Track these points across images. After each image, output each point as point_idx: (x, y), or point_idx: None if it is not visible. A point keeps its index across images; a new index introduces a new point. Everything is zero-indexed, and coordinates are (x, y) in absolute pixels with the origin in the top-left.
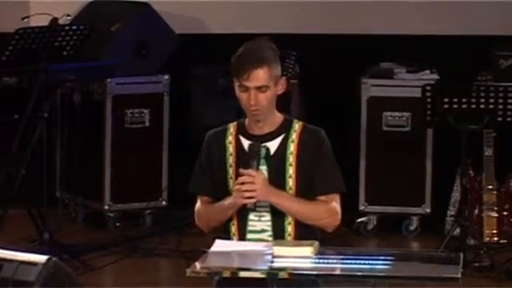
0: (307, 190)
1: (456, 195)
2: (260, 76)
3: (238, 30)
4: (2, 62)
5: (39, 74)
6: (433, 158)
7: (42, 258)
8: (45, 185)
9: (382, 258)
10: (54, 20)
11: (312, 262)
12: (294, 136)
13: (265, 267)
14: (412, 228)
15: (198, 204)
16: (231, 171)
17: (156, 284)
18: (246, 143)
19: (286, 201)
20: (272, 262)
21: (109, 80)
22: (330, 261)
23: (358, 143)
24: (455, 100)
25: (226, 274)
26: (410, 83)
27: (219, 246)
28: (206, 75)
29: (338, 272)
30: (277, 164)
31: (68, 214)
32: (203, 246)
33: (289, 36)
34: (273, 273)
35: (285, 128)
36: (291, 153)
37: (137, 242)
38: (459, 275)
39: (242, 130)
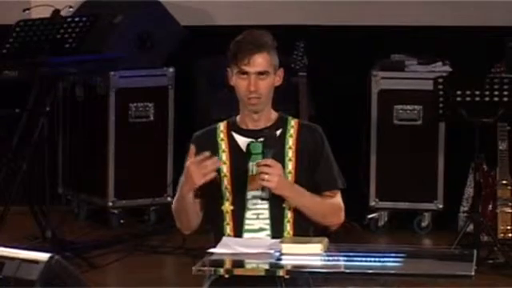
0: (306, 187)
1: (469, 190)
2: (260, 61)
3: (245, 22)
4: (2, 54)
5: (41, 67)
6: (445, 153)
7: (44, 256)
8: (47, 181)
9: (393, 255)
10: (56, 12)
11: (321, 260)
12: (292, 131)
13: (270, 265)
14: (424, 224)
15: None
16: (225, 169)
17: (161, 282)
18: (239, 139)
19: (300, 195)
20: (280, 259)
21: (112, 73)
22: (339, 258)
23: (368, 137)
24: (468, 93)
25: (234, 273)
26: (421, 75)
27: (225, 243)
28: (211, 68)
29: (347, 270)
30: (275, 159)
31: (71, 210)
32: (209, 244)
33: (297, 27)
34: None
35: (281, 123)
36: (290, 147)
37: (141, 240)
38: (473, 273)
39: (233, 127)
